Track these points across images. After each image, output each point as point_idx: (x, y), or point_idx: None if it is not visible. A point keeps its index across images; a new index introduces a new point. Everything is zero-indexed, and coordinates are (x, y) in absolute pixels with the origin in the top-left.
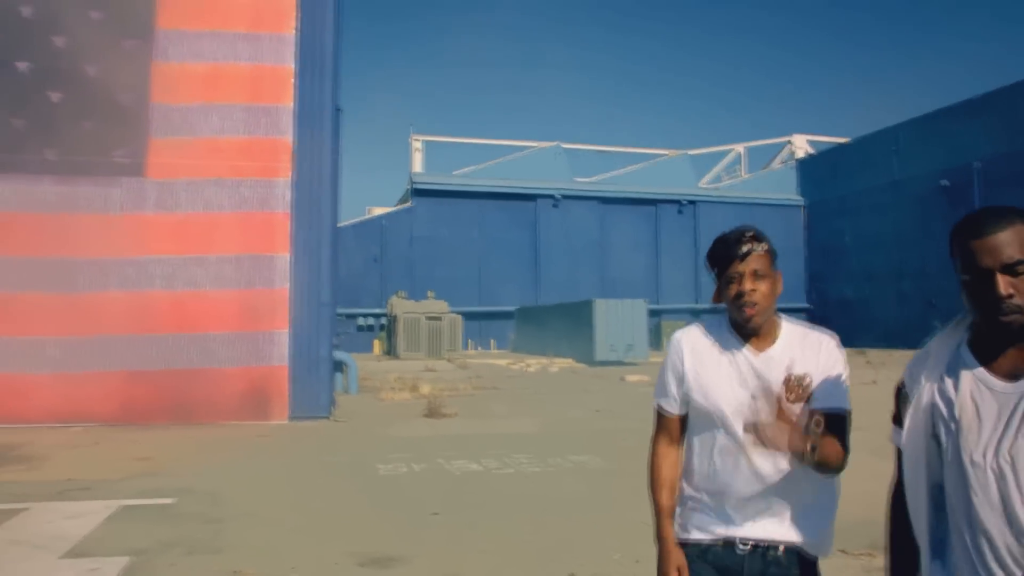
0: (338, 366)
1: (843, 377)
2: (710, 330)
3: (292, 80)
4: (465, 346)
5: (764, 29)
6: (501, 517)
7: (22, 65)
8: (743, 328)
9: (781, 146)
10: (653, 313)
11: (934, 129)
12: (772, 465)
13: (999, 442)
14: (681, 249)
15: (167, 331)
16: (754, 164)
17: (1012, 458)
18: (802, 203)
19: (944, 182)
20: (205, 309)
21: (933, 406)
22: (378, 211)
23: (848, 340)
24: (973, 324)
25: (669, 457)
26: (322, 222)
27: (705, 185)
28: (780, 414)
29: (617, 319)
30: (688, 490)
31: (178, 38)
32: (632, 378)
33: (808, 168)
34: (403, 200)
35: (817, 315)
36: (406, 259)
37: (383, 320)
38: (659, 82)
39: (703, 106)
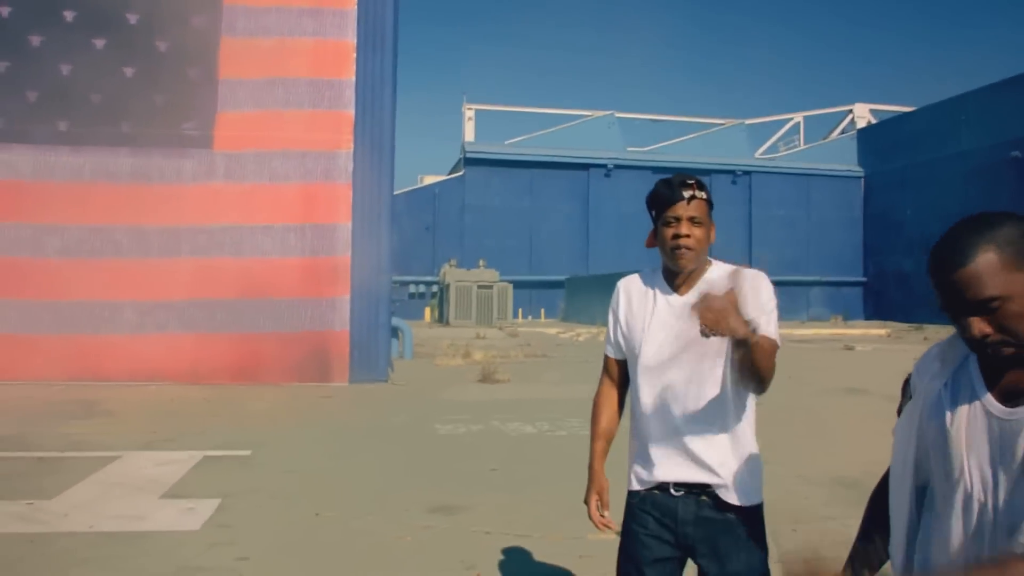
0: (394, 332)
1: (771, 306)
2: (645, 277)
3: (353, 55)
4: (515, 315)
5: None
6: (554, 474)
7: (99, 42)
8: (674, 274)
9: (842, 115)
10: None
11: (1005, 98)
12: (692, 404)
13: (981, 465)
14: (734, 219)
15: (235, 296)
16: (814, 134)
17: (992, 484)
18: (861, 174)
19: (1016, 153)
20: (271, 275)
21: (930, 410)
22: (430, 179)
23: (906, 315)
24: None
25: (607, 396)
26: (381, 193)
27: (761, 156)
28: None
29: None
30: (632, 440)
31: (244, 13)
32: None
33: (869, 138)
34: (455, 169)
35: (874, 288)
36: (457, 228)
37: (434, 288)
38: (717, 51)
39: (761, 75)
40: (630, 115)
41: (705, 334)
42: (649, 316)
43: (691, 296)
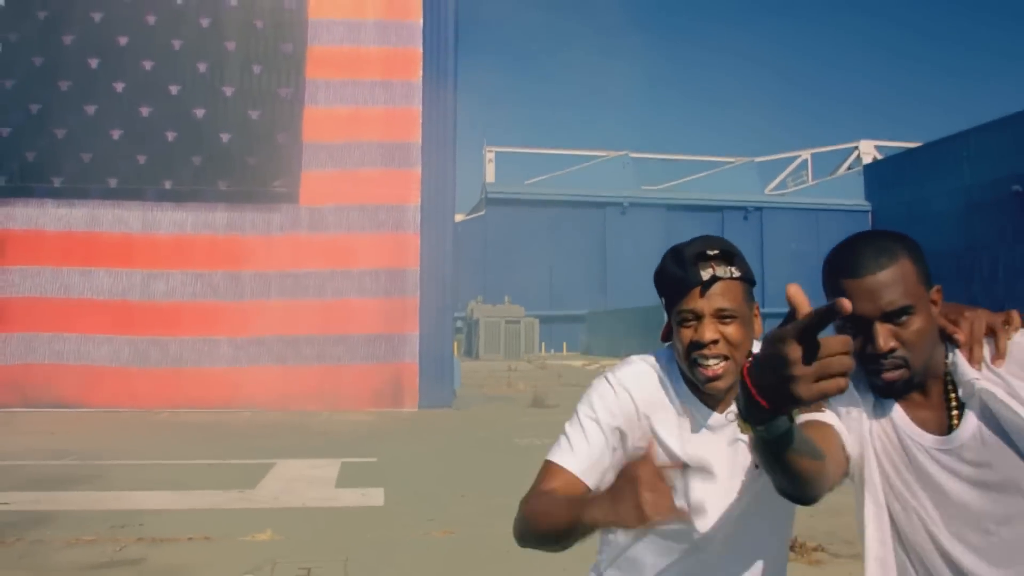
0: None
1: None
2: (663, 376)
3: (419, 120)
4: (538, 348)
5: (831, 35)
6: None
7: (199, 112)
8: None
9: (848, 152)
10: None
11: (1006, 135)
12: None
13: (895, 492)
14: (747, 254)
15: (318, 332)
16: (820, 171)
17: (900, 508)
18: (868, 208)
19: (1016, 187)
20: (350, 314)
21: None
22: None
23: None
24: None
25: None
26: (444, 242)
27: (771, 192)
28: None
29: None
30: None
31: (324, 86)
32: None
33: (874, 173)
34: (476, 208)
35: None
36: (480, 265)
37: (458, 323)
38: (725, 92)
39: (769, 114)
40: (644, 155)
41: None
42: (676, 446)
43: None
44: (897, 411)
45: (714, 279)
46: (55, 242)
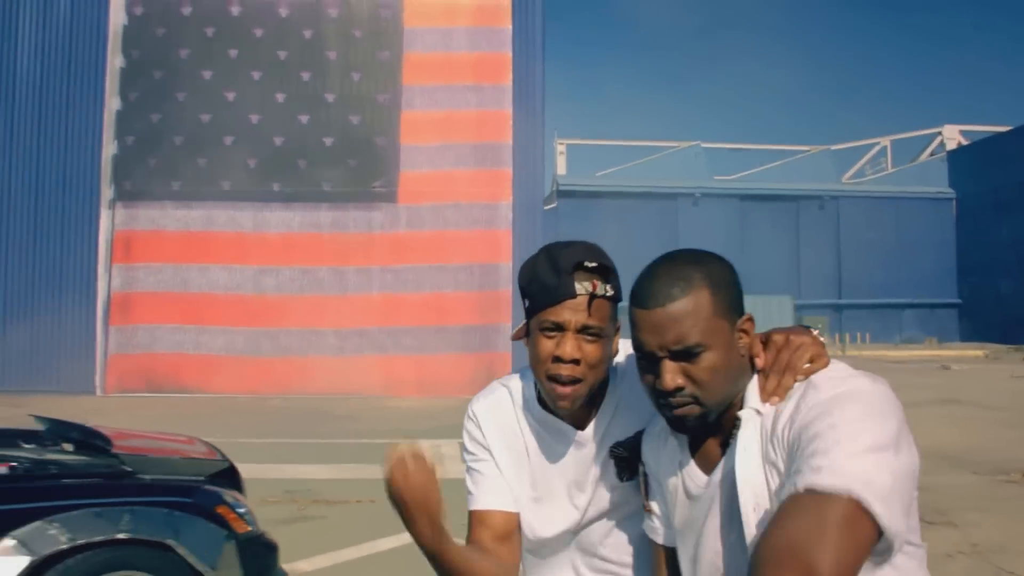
0: None
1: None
2: (516, 398)
3: (510, 122)
4: None
5: (910, 14)
6: None
7: (304, 118)
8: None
9: (931, 138)
10: (795, 308)
11: None
12: None
13: (692, 540)
14: (822, 245)
15: (417, 324)
16: (901, 158)
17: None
18: (953, 196)
19: None
20: (446, 307)
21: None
22: None
23: (1004, 336)
24: None
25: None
26: (535, 236)
27: (848, 181)
28: None
29: (763, 315)
30: None
31: (420, 92)
32: None
33: (959, 160)
34: (548, 201)
35: (969, 310)
36: None
37: None
38: (800, 78)
39: (845, 100)
40: (716, 145)
41: (622, 477)
42: (539, 466)
43: (602, 426)
44: (686, 448)
45: (592, 297)
46: (175, 241)
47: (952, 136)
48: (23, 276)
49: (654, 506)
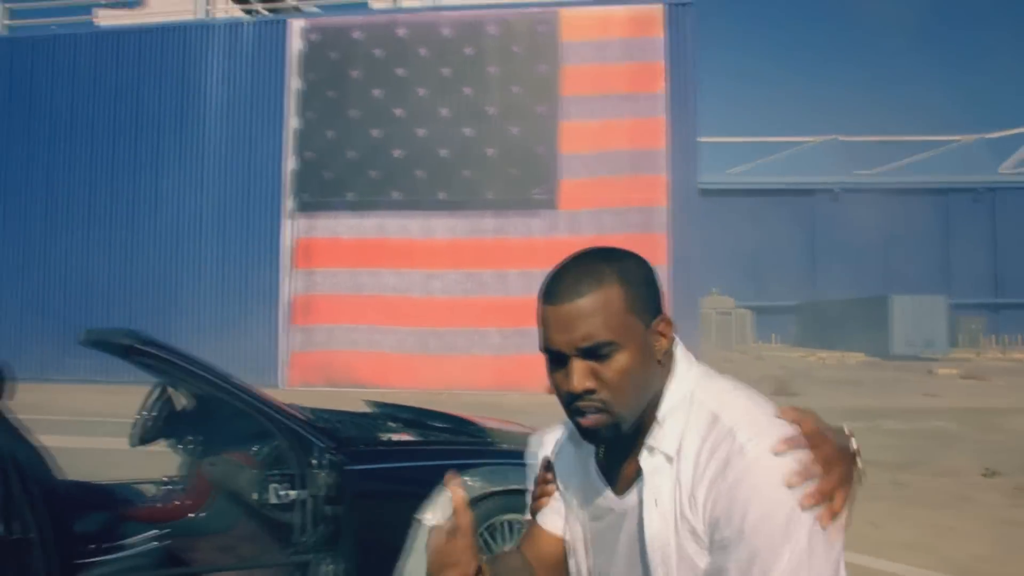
0: None
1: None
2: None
3: (664, 129)
4: (750, 340)
5: None
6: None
7: (468, 131)
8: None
9: None
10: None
11: None
12: None
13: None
14: (977, 240)
15: None
16: None
17: None
18: None
19: None
20: None
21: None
22: None
23: None
24: None
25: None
26: (689, 239)
27: (1007, 171)
28: None
29: (915, 315)
30: None
31: (576, 102)
32: (943, 371)
33: None
34: None
35: None
36: None
37: None
38: (948, 64)
39: (999, 84)
40: (854, 138)
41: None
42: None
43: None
44: (594, 462)
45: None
46: (350, 248)
47: None
48: (213, 282)
49: (557, 497)
